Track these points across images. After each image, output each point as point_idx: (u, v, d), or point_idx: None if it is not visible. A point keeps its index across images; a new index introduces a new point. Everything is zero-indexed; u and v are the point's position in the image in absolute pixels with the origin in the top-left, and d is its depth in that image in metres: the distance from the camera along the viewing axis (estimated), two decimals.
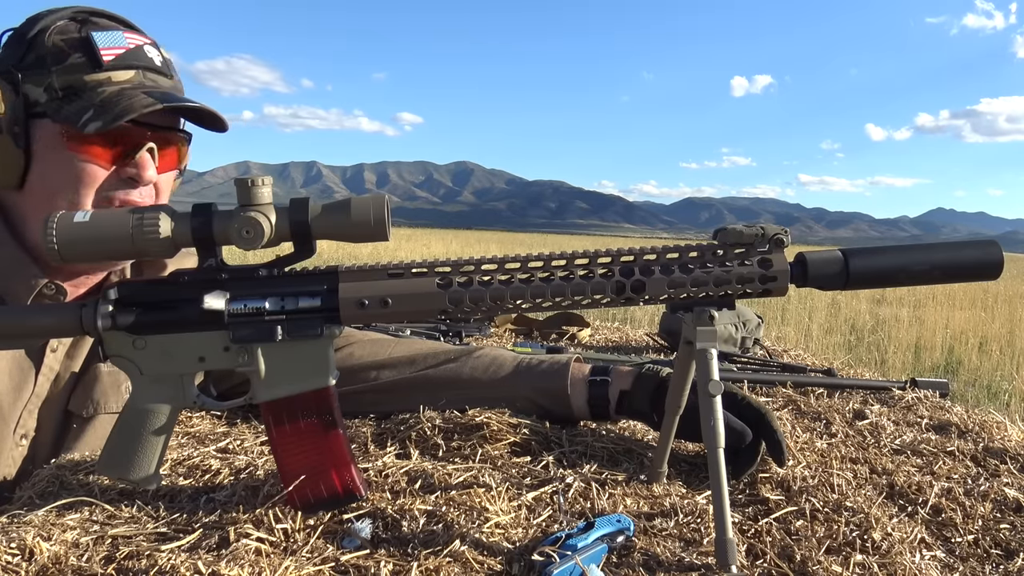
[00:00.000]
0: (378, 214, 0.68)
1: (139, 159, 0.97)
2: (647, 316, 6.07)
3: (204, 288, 0.70)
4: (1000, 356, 6.59)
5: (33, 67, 0.93)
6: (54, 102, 0.93)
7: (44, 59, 0.93)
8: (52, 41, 0.93)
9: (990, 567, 0.70)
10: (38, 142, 0.94)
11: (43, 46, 0.93)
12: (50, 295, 0.98)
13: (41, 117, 0.94)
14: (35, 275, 0.97)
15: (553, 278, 0.71)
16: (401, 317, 0.73)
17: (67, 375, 1.03)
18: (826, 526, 0.73)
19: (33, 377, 1.00)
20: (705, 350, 0.69)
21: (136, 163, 0.97)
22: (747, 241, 0.70)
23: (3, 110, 0.91)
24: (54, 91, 0.93)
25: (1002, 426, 1.12)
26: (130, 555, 0.62)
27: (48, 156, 0.95)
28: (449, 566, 0.62)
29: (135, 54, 0.97)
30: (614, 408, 0.97)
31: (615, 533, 0.68)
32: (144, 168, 0.97)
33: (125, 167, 0.97)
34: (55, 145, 0.94)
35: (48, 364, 1.01)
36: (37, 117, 0.94)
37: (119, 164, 0.97)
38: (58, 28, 0.94)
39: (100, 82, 0.94)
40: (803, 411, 1.17)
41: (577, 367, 1.01)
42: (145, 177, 0.98)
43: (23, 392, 0.99)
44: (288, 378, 0.73)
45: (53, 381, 1.02)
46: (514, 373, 1.02)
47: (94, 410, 1.03)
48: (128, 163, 0.97)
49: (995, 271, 0.72)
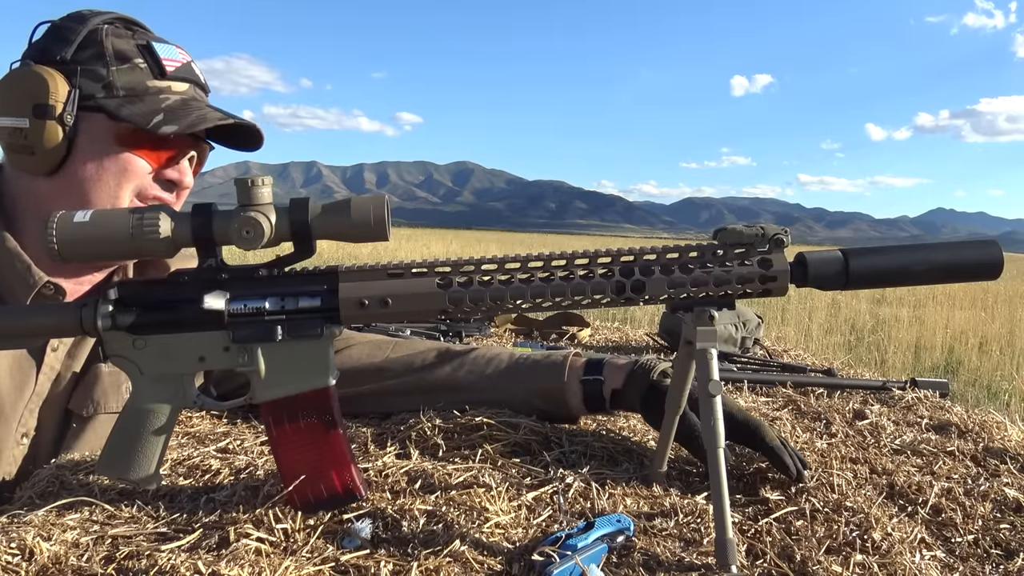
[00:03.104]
0: (378, 214, 0.68)
1: (181, 166, 1.04)
2: (647, 316, 6.07)
3: (204, 288, 0.70)
4: (1000, 356, 6.59)
5: (90, 62, 0.97)
6: (113, 100, 0.97)
7: (103, 57, 0.97)
8: (111, 42, 0.98)
9: (990, 567, 0.70)
10: (85, 134, 0.98)
11: (100, 45, 0.98)
12: (49, 295, 0.99)
13: (95, 111, 0.97)
14: (35, 275, 0.98)
15: (553, 278, 0.71)
16: (401, 317, 0.73)
17: (68, 375, 1.03)
18: (826, 526, 0.73)
19: (34, 376, 1.00)
20: (705, 350, 0.69)
21: (178, 168, 1.04)
22: (747, 241, 0.70)
23: (62, 99, 0.95)
24: (114, 89, 0.97)
25: (1002, 426, 1.12)
26: (130, 555, 0.62)
27: (94, 148, 0.98)
28: (449, 566, 0.62)
29: (188, 69, 1.04)
30: (609, 404, 0.98)
31: (615, 533, 0.68)
32: (184, 174, 1.05)
33: (166, 170, 1.03)
34: (104, 139, 0.98)
35: (49, 363, 1.02)
36: (89, 111, 0.97)
37: (163, 166, 1.02)
38: (112, 31, 0.99)
39: (161, 89, 1.00)
40: (803, 411, 1.17)
41: (573, 364, 1.00)
42: (185, 182, 1.05)
43: (24, 391, 0.99)
44: (288, 378, 0.73)
45: (54, 381, 1.03)
46: (510, 374, 1.02)
47: (94, 410, 1.04)
48: (170, 167, 1.03)
49: (995, 271, 0.72)
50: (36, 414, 1.01)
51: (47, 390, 1.02)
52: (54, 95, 0.94)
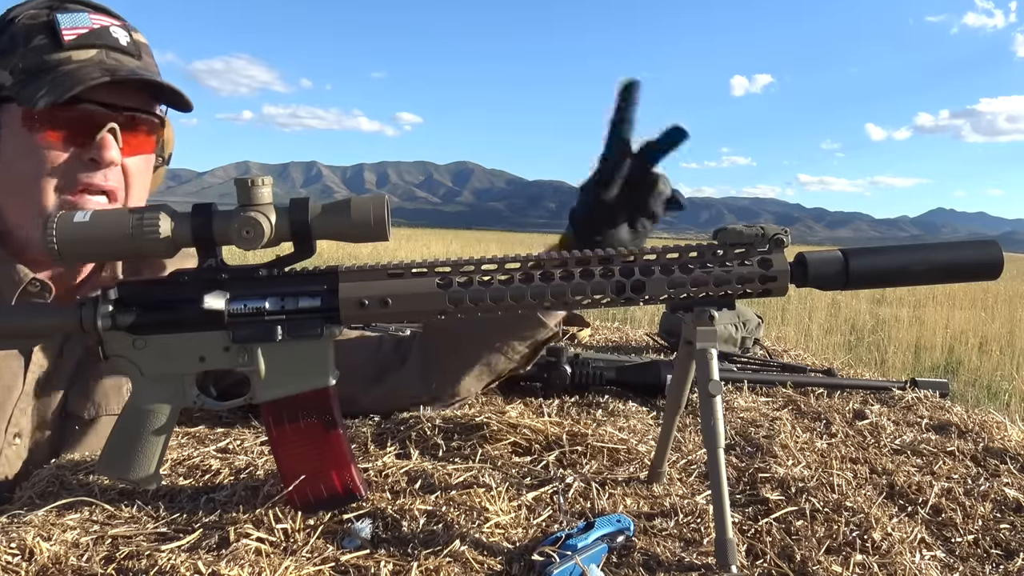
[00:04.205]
0: (378, 214, 0.68)
1: (100, 140, 0.95)
2: (647, 316, 6.07)
3: (204, 288, 0.70)
4: (1000, 356, 6.59)
5: (3, 52, 0.94)
6: (17, 84, 0.93)
7: (14, 43, 0.94)
8: (21, 24, 0.95)
9: (990, 567, 0.70)
10: (5, 127, 0.95)
11: (12, 31, 0.95)
12: (35, 292, 0.98)
13: (7, 102, 0.94)
14: (19, 272, 0.97)
15: (553, 278, 0.71)
16: (401, 317, 0.73)
17: (61, 374, 1.03)
18: (826, 526, 0.73)
19: (22, 375, 1.00)
20: (705, 350, 0.69)
21: (96, 144, 0.95)
22: (747, 241, 0.70)
23: None
24: (19, 73, 0.93)
25: (1002, 426, 1.12)
26: (130, 555, 0.62)
27: (12, 141, 0.95)
28: (449, 566, 0.62)
29: (98, 33, 0.96)
30: None
31: (615, 533, 0.68)
32: (105, 149, 0.95)
33: (85, 149, 0.96)
34: (18, 130, 0.94)
35: (36, 362, 1.01)
36: (5, 102, 0.94)
37: (79, 146, 0.95)
38: (28, 13, 0.96)
39: (60, 61, 0.94)
40: (803, 411, 1.17)
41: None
42: (106, 158, 0.95)
43: (13, 391, 0.99)
44: (288, 378, 0.73)
45: (45, 380, 1.02)
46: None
47: (95, 412, 1.03)
48: (89, 145, 0.95)
49: (995, 271, 0.72)
50: (29, 414, 1.00)
51: (39, 389, 1.02)
52: None
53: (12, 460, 0.99)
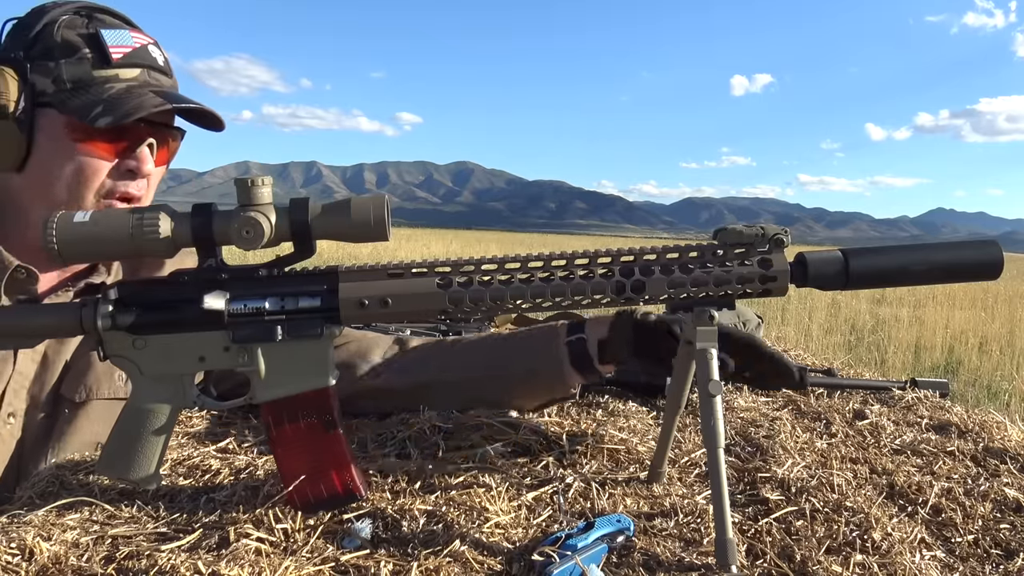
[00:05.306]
0: (378, 214, 0.68)
1: (139, 153, 1.02)
2: None
3: (204, 288, 0.70)
4: (1000, 356, 6.59)
5: (41, 58, 0.96)
6: (61, 93, 0.96)
7: (52, 51, 0.96)
8: (61, 34, 0.97)
9: (990, 567, 0.70)
10: (42, 131, 0.97)
11: (51, 38, 0.97)
12: (22, 279, 0.99)
13: (47, 107, 0.97)
14: (5, 259, 0.98)
15: (553, 278, 0.71)
16: (401, 317, 0.73)
17: (57, 359, 1.04)
18: (826, 526, 0.73)
19: (12, 356, 1.00)
20: (705, 350, 0.69)
21: (136, 157, 1.01)
22: (747, 241, 0.70)
23: (13, 96, 0.95)
24: (62, 83, 0.96)
25: (1002, 426, 1.12)
26: (130, 555, 0.62)
27: (51, 145, 0.98)
28: (449, 566, 0.62)
29: (141, 53, 1.01)
30: (598, 360, 0.98)
31: (615, 533, 0.68)
32: (143, 162, 1.02)
33: (125, 160, 1.01)
34: (59, 135, 0.97)
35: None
36: (42, 107, 0.97)
37: (120, 157, 1.01)
38: (66, 22, 0.98)
39: (108, 78, 0.98)
40: (803, 411, 1.17)
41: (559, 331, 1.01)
42: (143, 170, 1.02)
43: (3, 372, 1.00)
44: (288, 378, 0.73)
45: (40, 363, 1.03)
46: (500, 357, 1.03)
47: (86, 395, 1.04)
48: (128, 157, 1.01)
49: (995, 271, 0.72)
50: (21, 395, 1.01)
51: (32, 371, 1.02)
52: (5, 94, 0.94)
53: (7, 440, 1.00)
